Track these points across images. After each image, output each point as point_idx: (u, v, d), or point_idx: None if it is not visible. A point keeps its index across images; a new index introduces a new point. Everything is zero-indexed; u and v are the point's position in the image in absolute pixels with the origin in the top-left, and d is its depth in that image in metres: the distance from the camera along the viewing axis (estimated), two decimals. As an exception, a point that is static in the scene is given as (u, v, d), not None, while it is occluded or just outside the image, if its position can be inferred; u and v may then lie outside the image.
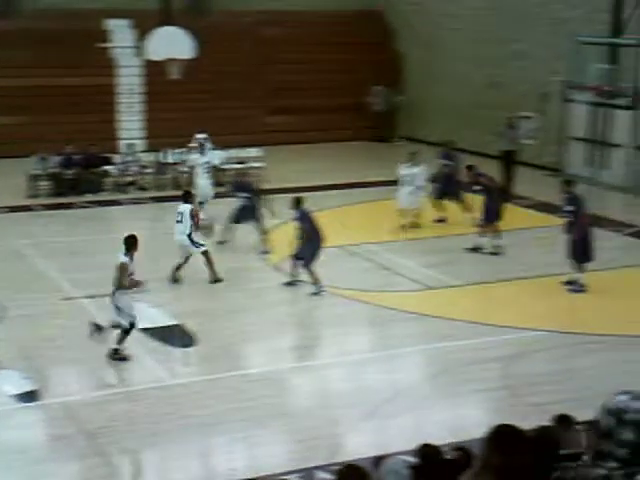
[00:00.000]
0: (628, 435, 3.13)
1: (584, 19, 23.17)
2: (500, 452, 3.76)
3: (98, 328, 11.72)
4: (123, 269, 11.65)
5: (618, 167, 22.75)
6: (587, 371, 11.31)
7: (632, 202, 21.50)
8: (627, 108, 20.11)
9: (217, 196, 18.81)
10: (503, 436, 3.85)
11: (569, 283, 14.54)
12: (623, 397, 3.24)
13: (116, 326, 11.72)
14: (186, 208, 15.16)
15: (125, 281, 11.64)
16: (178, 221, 15.12)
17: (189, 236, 15.01)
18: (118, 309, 11.67)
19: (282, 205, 20.29)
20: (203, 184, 18.87)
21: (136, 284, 11.82)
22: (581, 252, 14.29)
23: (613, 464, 3.18)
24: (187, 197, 15.52)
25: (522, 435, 3.93)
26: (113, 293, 11.69)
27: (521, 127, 23.31)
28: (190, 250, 15.13)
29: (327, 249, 14.67)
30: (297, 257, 14.43)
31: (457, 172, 18.64)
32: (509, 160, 22.01)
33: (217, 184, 19.73)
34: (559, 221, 18.18)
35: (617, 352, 12.04)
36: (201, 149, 19.35)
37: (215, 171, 20.14)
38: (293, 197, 14.92)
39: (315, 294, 14.21)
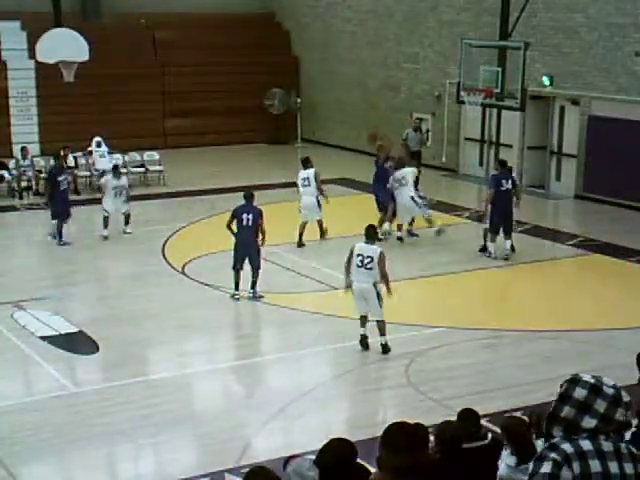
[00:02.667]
0: (600, 407, 3.18)
1: (472, 22, 23.79)
2: (393, 452, 3.63)
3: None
4: (384, 258, 11.67)
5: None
6: (486, 366, 11.62)
7: (522, 199, 22.10)
8: (515, 109, 20.68)
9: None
10: (394, 435, 3.70)
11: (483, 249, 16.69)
12: (588, 375, 3.34)
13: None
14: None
15: (385, 270, 11.66)
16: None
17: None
18: (379, 300, 11.64)
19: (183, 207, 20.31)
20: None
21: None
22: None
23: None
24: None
25: (415, 432, 3.75)
26: (374, 285, 11.61)
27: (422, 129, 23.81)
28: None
29: (229, 252, 14.61)
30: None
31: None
32: (417, 161, 22.49)
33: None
34: (457, 220, 18.74)
35: (514, 347, 12.43)
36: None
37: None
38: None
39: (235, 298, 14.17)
